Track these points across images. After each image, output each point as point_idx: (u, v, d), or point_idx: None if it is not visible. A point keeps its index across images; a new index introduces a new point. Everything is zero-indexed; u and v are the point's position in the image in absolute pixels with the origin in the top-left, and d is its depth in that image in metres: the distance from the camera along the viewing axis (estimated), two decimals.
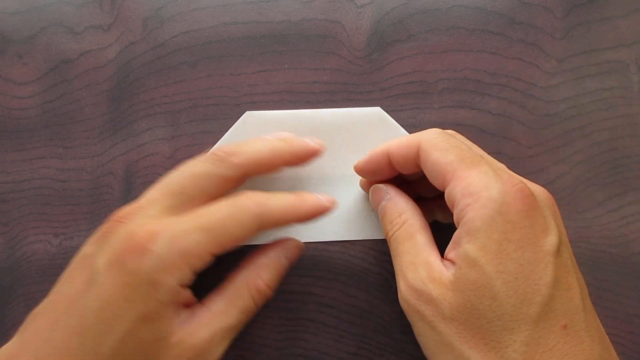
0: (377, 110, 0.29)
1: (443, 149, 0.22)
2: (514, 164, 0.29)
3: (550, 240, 0.20)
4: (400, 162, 0.24)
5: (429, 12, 0.30)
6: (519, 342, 0.19)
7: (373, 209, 0.26)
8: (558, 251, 0.20)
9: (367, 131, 0.28)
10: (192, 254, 0.21)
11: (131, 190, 0.28)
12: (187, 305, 0.22)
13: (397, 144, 0.24)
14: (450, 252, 0.21)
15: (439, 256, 0.22)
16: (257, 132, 0.28)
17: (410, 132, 0.29)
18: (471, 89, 0.29)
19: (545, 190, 0.22)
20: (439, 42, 0.30)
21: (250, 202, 0.22)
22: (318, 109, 0.29)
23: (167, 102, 0.29)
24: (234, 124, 0.29)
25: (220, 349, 0.22)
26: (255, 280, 0.23)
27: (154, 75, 0.29)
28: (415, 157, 0.23)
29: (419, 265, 0.22)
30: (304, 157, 0.25)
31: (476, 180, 0.21)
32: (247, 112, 0.29)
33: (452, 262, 0.21)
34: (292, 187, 0.28)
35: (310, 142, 0.25)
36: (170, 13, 0.30)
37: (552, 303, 0.19)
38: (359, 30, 0.30)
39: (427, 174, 0.23)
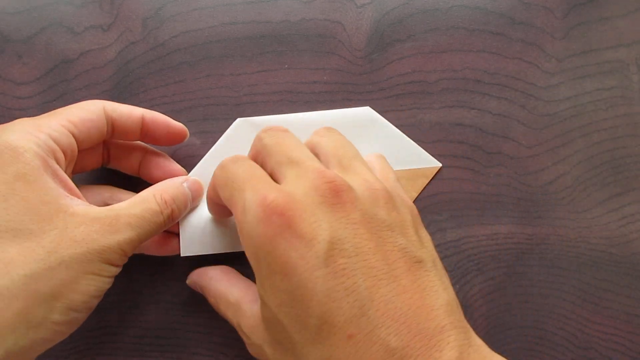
0: (367, 109, 0.29)
1: (221, 185, 0.22)
2: (514, 164, 0.29)
3: (316, 251, 0.18)
4: (222, 202, 0.23)
5: (429, 12, 0.30)
6: None
7: None
8: (330, 258, 0.18)
9: (359, 131, 0.28)
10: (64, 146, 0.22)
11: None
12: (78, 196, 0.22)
13: (209, 191, 0.24)
14: None
15: (254, 295, 0.23)
16: (250, 138, 0.28)
17: (409, 132, 0.29)
18: (471, 89, 0.29)
19: (325, 179, 0.20)
20: (439, 42, 0.30)
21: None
22: (309, 112, 0.29)
23: (167, 102, 0.29)
24: (234, 122, 0.29)
25: (125, 236, 0.21)
26: (160, 191, 0.24)
27: (154, 75, 0.29)
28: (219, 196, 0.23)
29: (242, 324, 0.22)
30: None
31: (239, 214, 0.20)
32: (238, 118, 0.29)
33: None
34: None
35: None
36: (170, 13, 0.30)
37: (330, 319, 0.18)
38: (359, 30, 0.30)
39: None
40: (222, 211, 0.25)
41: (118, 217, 0.22)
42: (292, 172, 0.21)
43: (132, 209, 0.22)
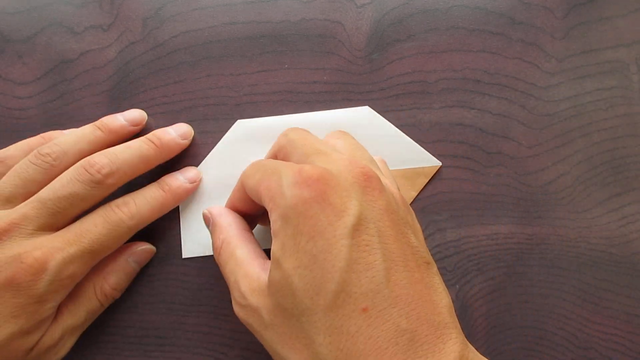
0: (366, 109, 0.29)
1: (251, 175, 0.23)
2: (514, 164, 0.29)
3: (345, 222, 0.19)
4: (246, 207, 0.24)
5: (429, 12, 0.30)
6: (322, 335, 0.18)
7: None
8: (356, 231, 0.19)
9: (358, 131, 0.28)
10: (76, 275, 0.24)
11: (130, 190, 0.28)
12: None
13: (232, 196, 0.25)
14: None
15: (263, 263, 0.22)
16: (249, 139, 0.28)
17: (409, 132, 0.29)
18: (471, 89, 0.29)
19: (356, 165, 0.21)
20: (439, 42, 0.30)
21: (124, 217, 0.25)
22: (308, 113, 0.29)
23: (167, 102, 0.29)
24: (234, 124, 0.29)
25: (68, 345, 0.25)
26: (101, 283, 0.26)
27: (154, 75, 0.29)
28: (248, 197, 0.23)
29: (240, 281, 0.22)
30: (173, 155, 0.28)
31: (273, 184, 0.21)
32: (238, 120, 0.29)
33: None
34: None
35: (178, 138, 0.28)
36: (170, 13, 0.30)
37: (348, 288, 0.18)
38: (359, 30, 0.30)
39: (259, 203, 0.22)
40: (253, 211, 0.25)
41: (63, 334, 0.25)
42: (321, 159, 0.21)
43: (75, 318, 0.25)
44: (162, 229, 0.28)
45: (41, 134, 0.27)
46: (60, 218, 0.24)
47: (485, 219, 0.28)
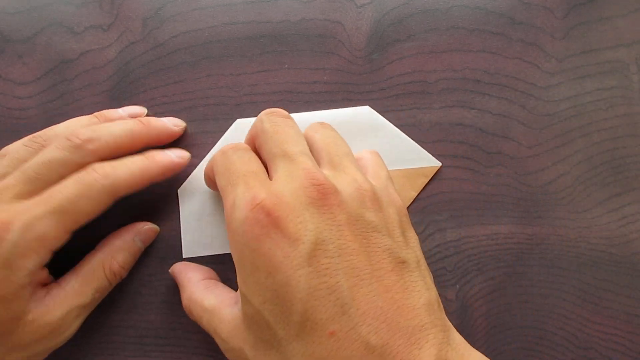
0: (366, 109, 0.29)
1: (218, 173, 0.23)
2: (514, 164, 0.29)
3: (300, 250, 0.19)
4: (214, 184, 0.24)
5: (429, 12, 0.30)
6: None
7: None
8: (313, 258, 0.19)
9: (358, 130, 0.28)
10: (46, 237, 0.22)
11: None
12: (44, 284, 0.24)
13: (207, 166, 0.25)
14: None
15: (233, 297, 0.23)
16: None
17: (409, 132, 0.29)
18: (471, 89, 0.29)
19: (313, 181, 0.20)
20: (439, 42, 0.30)
21: (97, 177, 0.23)
22: (308, 112, 0.29)
23: (167, 102, 0.29)
24: (233, 123, 0.29)
25: (74, 325, 0.24)
26: (110, 261, 0.25)
27: (154, 75, 0.29)
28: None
29: (217, 329, 0.22)
30: (162, 139, 0.27)
31: (229, 203, 0.21)
32: (237, 120, 0.29)
33: None
34: None
35: (169, 124, 0.27)
36: (170, 13, 0.30)
37: (312, 316, 0.18)
38: (359, 30, 0.30)
39: None
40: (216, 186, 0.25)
41: (68, 314, 0.24)
42: (284, 168, 0.21)
43: (82, 297, 0.24)
44: (162, 229, 0.28)
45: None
46: (39, 184, 0.23)
47: (485, 219, 0.28)
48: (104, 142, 0.24)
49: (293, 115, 0.29)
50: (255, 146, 0.24)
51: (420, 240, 0.28)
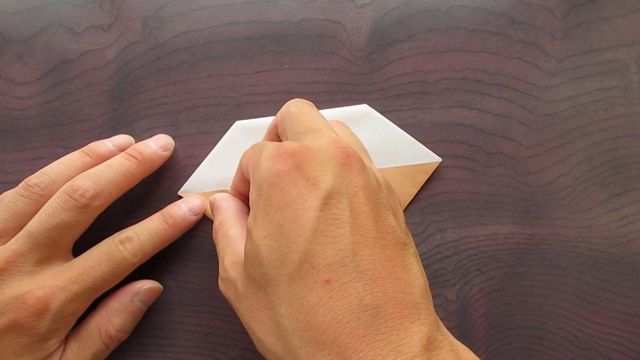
0: (364, 107, 0.29)
1: (246, 154, 0.23)
2: (514, 164, 0.29)
3: (316, 194, 0.19)
4: (246, 188, 0.24)
5: (429, 12, 0.30)
6: (284, 306, 0.18)
7: None
8: (326, 205, 0.19)
9: (357, 128, 0.28)
10: (78, 312, 0.25)
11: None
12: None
13: (234, 178, 0.25)
14: None
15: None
16: (248, 140, 0.28)
17: (409, 132, 0.29)
18: (471, 89, 0.29)
19: (339, 145, 0.21)
20: (439, 42, 0.30)
21: (127, 255, 0.25)
22: None
23: (167, 102, 0.29)
24: (234, 124, 0.29)
25: None
26: (106, 325, 0.26)
27: (154, 75, 0.29)
28: (246, 178, 0.24)
29: (225, 256, 0.22)
30: (155, 168, 0.28)
31: (255, 158, 0.21)
32: (236, 121, 0.29)
33: None
34: None
35: (160, 150, 0.27)
36: (170, 13, 0.30)
37: (311, 259, 0.18)
38: (359, 30, 0.30)
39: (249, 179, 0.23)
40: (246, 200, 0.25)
41: None
42: (310, 137, 0.22)
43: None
44: None
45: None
46: (55, 249, 0.24)
47: (485, 219, 0.29)
48: (107, 193, 0.25)
49: None
50: (279, 132, 0.24)
51: (420, 240, 0.28)
